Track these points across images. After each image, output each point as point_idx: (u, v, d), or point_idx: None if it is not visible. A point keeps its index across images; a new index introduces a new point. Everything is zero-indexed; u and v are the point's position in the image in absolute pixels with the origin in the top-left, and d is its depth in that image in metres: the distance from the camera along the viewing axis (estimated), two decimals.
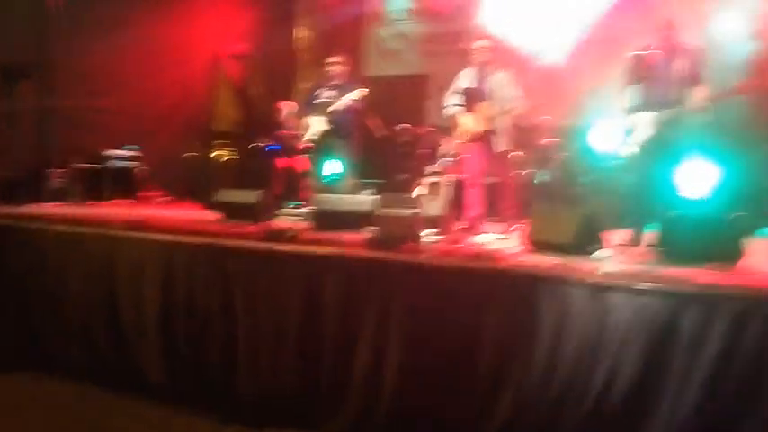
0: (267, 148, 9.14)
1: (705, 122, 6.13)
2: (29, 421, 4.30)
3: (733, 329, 3.07)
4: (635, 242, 5.11)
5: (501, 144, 6.54)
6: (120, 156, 8.92)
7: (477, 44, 6.62)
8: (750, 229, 4.62)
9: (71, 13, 8.71)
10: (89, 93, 8.92)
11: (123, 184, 8.80)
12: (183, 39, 10.00)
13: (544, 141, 8.35)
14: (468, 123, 6.56)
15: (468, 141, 6.61)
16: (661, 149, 5.36)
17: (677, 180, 5.54)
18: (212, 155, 10.48)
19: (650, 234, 4.75)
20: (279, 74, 11.10)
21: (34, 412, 4.42)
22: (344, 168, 7.33)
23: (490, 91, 6.50)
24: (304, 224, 5.80)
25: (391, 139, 9.07)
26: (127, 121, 9.24)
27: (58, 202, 7.90)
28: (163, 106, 9.81)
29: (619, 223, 5.67)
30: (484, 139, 6.51)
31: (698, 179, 7.11)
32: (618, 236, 5.30)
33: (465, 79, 6.69)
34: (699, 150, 6.71)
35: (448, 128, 6.85)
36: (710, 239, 4.09)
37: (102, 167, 8.71)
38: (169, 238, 4.81)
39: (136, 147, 9.10)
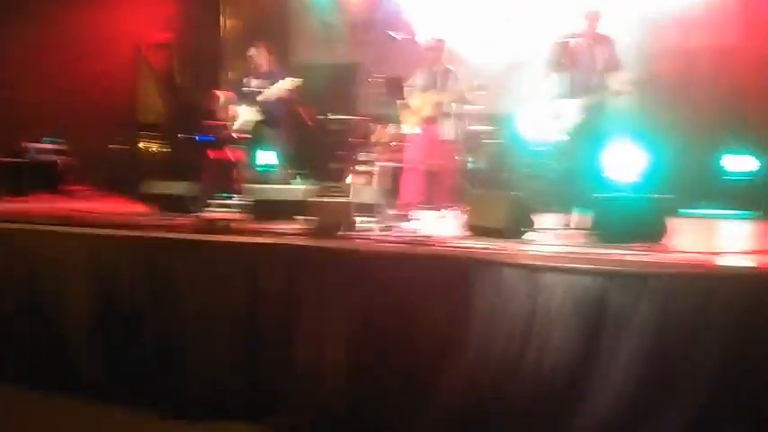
0: (197, 139, 8.99)
1: (628, 107, 6.34)
2: None
3: (660, 306, 3.18)
4: (565, 225, 5.25)
5: (449, 132, 6.72)
6: (42, 149, 8.59)
7: (428, 44, 6.81)
8: (672, 209, 4.81)
9: None
10: (3, 85, 8.54)
11: (45, 178, 8.50)
12: (104, 27, 9.70)
13: (475, 129, 8.46)
14: (417, 107, 6.71)
15: (418, 125, 6.75)
16: (588, 134, 5.52)
17: (604, 164, 5.73)
18: (139, 146, 10.23)
19: (579, 216, 4.89)
20: (205, 63, 10.90)
21: None
22: (277, 158, 7.27)
23: (440, 85, 6.69)
24: (237, 215, 5.74)
25: (323, 127, 9.03)
26: (47, 114, 8.90)
27: None
28: (84, 97, 9.48)
29: (549, 207, 5.82)
30: (432, 124, 6.67)
31: (624, 162, 7.36)
32: (548, 219, 5.44)
33: (417, 77, 6.87)
34: (624, 134, 6.94)
35: (380, 116, 6.92)
36: (636, 220, 4.25)
37: (22, 161, 8.38)
38: (97, 231, 4.67)
39: (57, 140, 8.79)
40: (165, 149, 10.41)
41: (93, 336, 4.45)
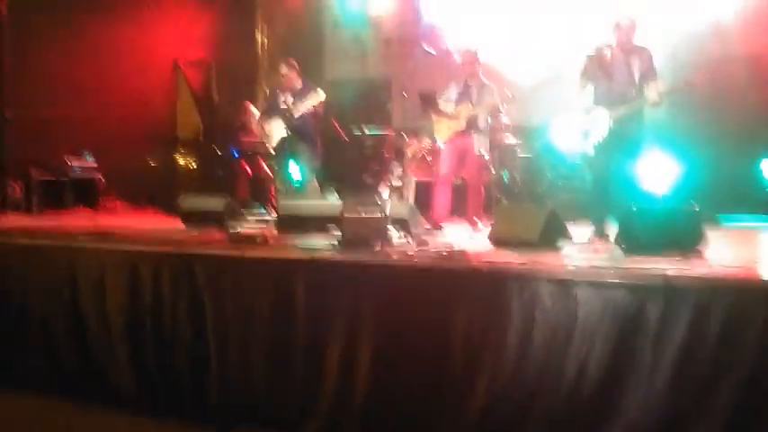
0: (234, 154, 9.10)
1: (661, 117, 6.25)
2: None
3: (697, 318, 3.14)
4: (600, 236, 5.19)
5: (482, 145, 6.72)
6: (82, 165, 8.77)
7: (463, 57, 6.81)
8: (710, 219, 4.73)
9: (23, 20, 8.54)
10: (44, 102, 8.74)
11: (85, 194, 8.67)
12: (143, 44, 9.87)
13: (506, 141, 8.43)
14: (451, 121, 6.71)
15: (450, 138, 6.75)
16: (623, 145, 5.46)
17: (637, 174, 5.65)
18: (177, 161, 10.39)
19: (614, 228, 4.83)
20: (242, 79, 11.03)
21: None
22: (309, 172, 7.31)
23: (476, 99, 6.69)
24: (270, 229, 5.78)
25: (357, 142, 9.07)
26: (85, 130, 9.07)
27: (18, 213, 7.75)
28: (121, 114, 9.65)
29: (583, 219, 5.76)
30: (466, 137, 6.66)
31: (657, 172, 7.25)
32: (583, 231, 5.39)
33: (451, 90, 6.88)
34: (657, 144, 6.84)
35: (413, 129, 6.94)
36: (671, 231, 4.18)
37: (63, 177, 8.56)
38: (134, 247, 4.74)
39: (90, 155, 8.96)
40: (202, 164, 10.56)
41: (129, 349, 4.51)
